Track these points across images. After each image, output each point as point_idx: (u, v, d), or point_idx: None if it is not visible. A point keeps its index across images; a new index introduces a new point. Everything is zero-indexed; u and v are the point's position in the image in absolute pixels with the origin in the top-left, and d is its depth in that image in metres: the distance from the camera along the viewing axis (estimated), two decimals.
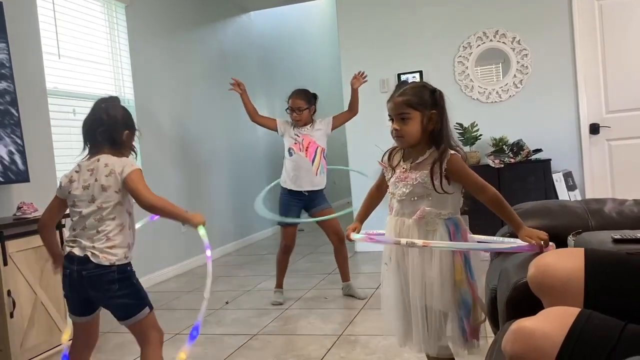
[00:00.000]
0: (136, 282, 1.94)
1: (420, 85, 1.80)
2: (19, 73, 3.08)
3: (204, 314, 1.87)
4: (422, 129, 1.73)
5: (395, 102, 1.74)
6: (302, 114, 3.48)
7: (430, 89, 1.78)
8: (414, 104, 1.72)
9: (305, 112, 3.48)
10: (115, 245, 1.86)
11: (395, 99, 1.74)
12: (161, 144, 4.64)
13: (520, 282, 1.46)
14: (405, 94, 1.73)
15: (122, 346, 2.91)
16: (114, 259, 1.85)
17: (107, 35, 4.18)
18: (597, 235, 1.69)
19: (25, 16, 3.29)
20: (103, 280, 1.84)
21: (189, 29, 5.24)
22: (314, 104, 3.55)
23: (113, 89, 4.21)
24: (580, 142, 4.52)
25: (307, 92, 3.54)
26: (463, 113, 4.66)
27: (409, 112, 1.72)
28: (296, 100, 3.49)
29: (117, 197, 1.87)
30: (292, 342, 2.81)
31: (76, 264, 1.84)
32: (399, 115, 1.73)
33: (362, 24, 4.99)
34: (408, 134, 1.73)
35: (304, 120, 3.50)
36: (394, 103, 1.74)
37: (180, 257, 4.77)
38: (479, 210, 4.61)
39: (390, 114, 1.76)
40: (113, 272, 1.85)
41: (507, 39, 4.62)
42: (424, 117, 1.73)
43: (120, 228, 1.88)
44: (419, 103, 1.73)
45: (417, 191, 1.73)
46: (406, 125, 1.72)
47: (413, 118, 1.72)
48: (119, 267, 1.86)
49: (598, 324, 0.98)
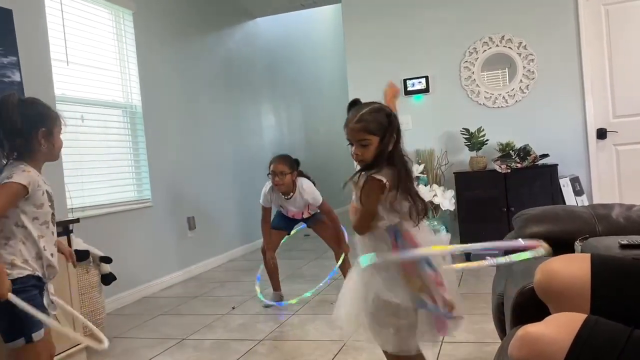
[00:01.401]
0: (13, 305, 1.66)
1: (376, 108, 1.76)
2: (28, 79, 3.11)
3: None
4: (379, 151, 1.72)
5: (353, 128, 1.71)
6: (284, 178, 3.47)
7: (386, 112, 1.75)
8: (373, 130, 1.71)
9: (288, 177, 3.48)
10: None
11: (354, 125, 1.71)
12: (168, 150, 4.66)
13: (526, 288, 1.45)
14: (362, 120, 1.71)
15: (129, 351, 2.92)
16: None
17: (114, 42, 4.21)
18: (604, 240, 1.69)
19: (34, 23, 3.32)
20: None
21: (195, 36, 5.27)
22: (296, 169, 3.55)
23: (121, 95, 4.24)
24: (587, 147, 4.51)
25: (289, 157, 3.56)
26: (469, 118, 4.66)
27: (368, 138, 1.71)
28: (278, 165, 3.48)
29: None
30: (298, 347, 2.81)
31: None
32: (359, 142, 1.71)
33: (368, 30, 5.00)
34: (367, 158, 1.73)
35: (286, 184, 3.49)
36: (352, 129, 1.72)
37: (186, 263, 4.78)
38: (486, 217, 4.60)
39: (348, 139, 1.75)
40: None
41: (514, 44, 4.62)
42: (382, 140, 1.71)
43: (5, 241, 1.74)
44: (377, 128, 1.71)
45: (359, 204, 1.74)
46: (367, 150, 1.71)
47: (372, 143, 1.71)
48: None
49: (605, 330, 0.98)
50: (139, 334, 3.21)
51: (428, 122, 4.84)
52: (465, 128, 4.52)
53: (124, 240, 3.99)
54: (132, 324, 3.43)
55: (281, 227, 3.69)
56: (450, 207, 4.52)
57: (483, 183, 4.41)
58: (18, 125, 1.74)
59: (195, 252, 4.94)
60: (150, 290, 4.24)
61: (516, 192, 4.30)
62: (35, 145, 1.78)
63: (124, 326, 3.39)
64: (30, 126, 1.76)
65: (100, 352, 2.88)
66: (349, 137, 1.75)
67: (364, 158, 1.73)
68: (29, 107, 1.79)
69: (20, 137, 1.75)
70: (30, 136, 1.77)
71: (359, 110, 1.75)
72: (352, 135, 1.73)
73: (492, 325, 1.96)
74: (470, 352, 2.49)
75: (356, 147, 1.73)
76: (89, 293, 3.07)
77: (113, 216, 3.92)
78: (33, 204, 1.79)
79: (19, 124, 1.74)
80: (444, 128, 4.79)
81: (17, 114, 1.73)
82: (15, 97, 1.77)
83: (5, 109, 1.73)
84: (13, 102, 1.75)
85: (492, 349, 2.38)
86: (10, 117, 1.73)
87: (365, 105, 1.77)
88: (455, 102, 4.79)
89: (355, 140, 1.73)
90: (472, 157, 4.55)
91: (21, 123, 1.74)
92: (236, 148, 5.85)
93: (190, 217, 4.89)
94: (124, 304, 3.91)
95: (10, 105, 1.74)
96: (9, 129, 1.74)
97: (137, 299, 4.06)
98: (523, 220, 2.06)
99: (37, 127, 1.77)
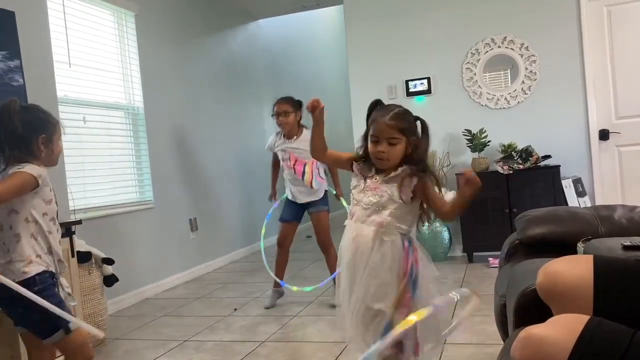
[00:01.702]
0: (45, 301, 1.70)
1: (406, 110, 1.82)
2: (31, 81, 3.11)
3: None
4: (404, 152, 1.77)
5: (387, 125, 1.74)
6: (288, 117, 3.51)
7: (413, 116, 1.82)
8: (404, 130, 1.75)
9: (292, 116, 3.51)
10: (12, 259, 1.74)
11: (387, 122, 1.74)
12: (170, 152, 4.67)
13: (528, 289, 1.45)
14: (397, 118, 1.75)
15: (131, 352, 2.92)
16: (13, 276, 1.71)
17: (117, 43, 4.22)
18: (606, 242, 1.69)
19: (36, 25, 3.33)
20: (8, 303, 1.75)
21: (197, 37, 5.28)
22: (299, 109, 3.57)
23: (123, 97, 4.25)
24: (589, 148, 4.50)
25: (292, 98, 3.60)
26: (471, 119, 4.66)
27: (399, 138, 1.74)
28: (282, 104, 3.53)
29: (9, 205, 1.74)
30: (300, 349, 2.81)
31: None
32: (389, 139, 1.73)
33: (370, 31, 5.00)
34: (394, 157, 1.76)
35: (290, 124, 3.52)
36: (385, 126, 1.74)
37: (188, 264, 4.79)
38: (488, 218, 4.58)
39: (376, 135, 1.75)
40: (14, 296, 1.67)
41: (515, 45, 4.61)
42: (409, 142, 1.77)
43: (17, 239, 1.76)
44: (408, 129, 1.76)
45: (384, 202, 1.76)
46: (393, 149, 1.74)
47: (401, 143, 1.75)
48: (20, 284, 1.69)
49: (607, 331, 0.97)
50: (141, 336, 3.21)
51: (430, 123, 4.73)
52: (467, 129, 4.52)
53: (126, 242, 4.00)
54: (134, 325, 3.44)
55: (291, 219, 3.66)
56: None
57: (485, 184, 4.36)
58: (19, 132, 1.76)
59: (197, 253, 4.94)
60: (152, 291, 4.24)
61: (518, 193, 4.30)
62: (35, 151, 1.81)
63: (126, 328, 3.39)
64: (30, 132, 1.78)
65: (103, 351, 2.89)
66: (376, 134, 1.74)
67: (389, 157, 1.74)
68: (30, 113, 1.82)
69: (21, 142, 1.78)
70: (31, 142, 1.79)
71: (390, 108, 1.78)
72: (383, 132, 1.73)
73: (494, 326, 1.96)
74: (473, 354, 2.48)
75: (382, 144, 1.74)
76: (91, 294, 3.07)
77: (115, 218, 3.92)
78: (42, 199, 1.81)
79: (20, 130, 1.76)
80: (446, 129, 4.78)
81: (18, 120, 1.75)
82: (17, 103, 1.79)
83: (7, 115, 1.76)
84: (15, 109, 1.77)
85: (494, 350, 2.37)
86: (12, 124, 1.75)
87: (396, 106, 1.81)
88: (457, 103, 4.79)
89: (384, 138, 1.73)
90: (474, 158, 4.54)
91: (22, 129, 1.76)
92: (238, 149, 5.85)
93: (192, 218, 4.90)
94: (126, 305, 3.91)
95: (12, 111, 1.76)
96: (10, 135, 1.77)
97: (139, 301, 4.06)
98: (525, 222, 2.06)
99: (37, 133, 1.80)
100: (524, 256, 1.96)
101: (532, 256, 1.88)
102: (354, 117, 5.04)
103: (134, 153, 4.34)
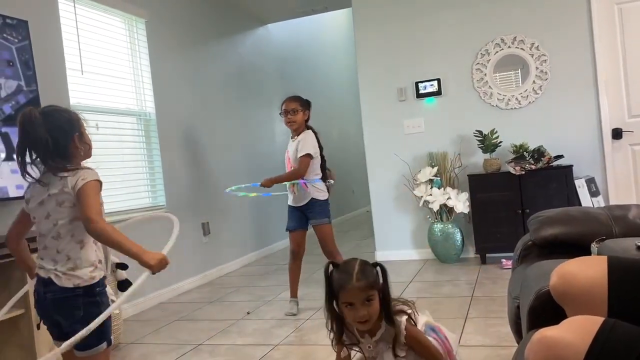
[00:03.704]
0: (103, 307, 1.74)
1: (364, 262, 1.71)
2: (44, 89, 3.16)
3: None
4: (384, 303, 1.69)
5: (359, 287, 1.62)
6: (296, 115, 3.50)
7: (372, 264, 1.72)
8: (374, 284, 1.66)
9: (300, 114, 3.51)
10: (77, 266, 1.72)
11: (358, 284, 1.62)
12: (182, 156, 4.70)
13: (542, 291, 1.44)
14: (365, 276, 1.64)
15: (145, 356, 2.94)
16: (78, 281, 1.71)
17: (128, 50, 4.26)
18: (621, 242, 1.67)
19: (49, 34, 3.38)
20: (67, 305, 1.71)
21: (207, 43, 5.32)
22: (307, 108, 3.57)
23: (135, 103, 4.28)
24: (602, 147, 4.46)
25: (301, 97, 3.60)
26: (482, 120, 4.64)
27: (373, 294, 1.65)
28: (290, 102, 3.53)
29: (72, 213, 1.71)
30: (313, 352, 2.81)
31: (42, 286, 1.73)
32: (366, 299, 1.63)
33: (379, 33, 5.00)
34: (375, 314, 1.67)
35: (298, 122, 3.52)
36: (357, 289, 1.62)
37: (201, 268, 4.81)
38: (501, 219, 4.56)
39: (351, 302, 1.64)
40: (78, 297, 1.70)
41: (526, 45, 4.59)
42: (379, 293, 1.68)
43: (80, 246, 1.74)
44: (375, 280, 1.67)
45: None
46: (372, 307, 1.65)
47: (375, 297, 1.66)
48: (85, 289, 1.71)
49: (622, 333, 0.97)
50: (155, 340, 3.24)
51: (441, 124, 4.83)
52: (479, 130, 4.50)
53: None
54: (148, 329, 3.46)
55: (296, 227, 3.60)
56: (464, 210, 4.50)
57: (497, 185, 4.38)
58: (52, 139, 1.69)
59: (210, 257, 4.96)
60: (166, 296, 4.27)
61: (531, 194, 4.27)
62: (74, 151, 1.76)
63: (140, 332, 3.41)
64: (64, 137, 1.73)
65: (117, 356, 2.92)
66: (350, 300, 1.63)
67: (371, 316, 1.65)
68: (54, 117, 1.74)
69: (59, 149, 1.72)
70: (68, 146, 1.74)
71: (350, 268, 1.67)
72: (358, 295, 1.63)
73: (508, 328, 1.95)
74: (487, 356, 2.47)
75: (361, 307, 1.63)
76: None
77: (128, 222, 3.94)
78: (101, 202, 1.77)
79: (51, 137, 1.69)
80: (457, 130, 4.77)
81: (45, 129, 1.69)
82: (35, 112, 1.70)
83: (31, 126, 1.68)
84: (37, 118, 1.69)
85: (508, 352, 2.36)
86: (39, 134, 1.68)
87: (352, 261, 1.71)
88: (467, 104, 4.77)
89: (362, 299, 1.63)
90: (486, 159, 4.52)
91: (54, 136, 1.70)
92: (249, 153, 5.88)
93: (204, 222, 4.92)
94: (140, 310, 3.94)
95: (36, 122, 1.68)
96: (44, 146, 1.69)
97: (153, 305, 4.09)
98: (538, 223, 2.04)
99: (70, 135, 1.75)
100: (537, 257, 1.94)
101: (546, 257, 1.86)
102: (364, 120, 5.05)
103: (146, 158, 4.37)
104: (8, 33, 2.95)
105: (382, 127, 4.96)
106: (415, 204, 4.79)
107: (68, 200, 1.70)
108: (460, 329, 2.84)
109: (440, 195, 4.53)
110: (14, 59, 2.96)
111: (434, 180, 4.63)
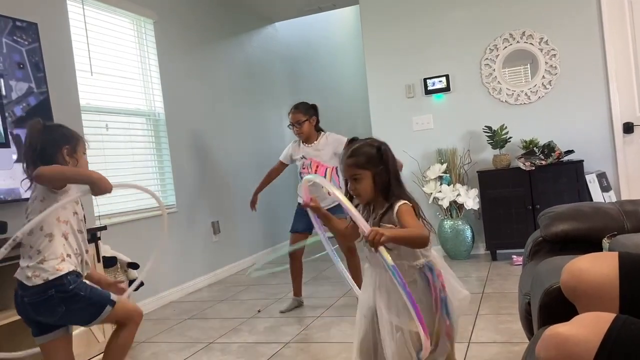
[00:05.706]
0: (83, 292, 1.81)
1: (366, 144, 1.79)
2: (54, 90, 3.18)
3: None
4: (375, 185, 1.75)
5: (347, 164, 1.76)
6: (302, 127, 3.50)
7: (376, 146, 1.78)
8: (362, 164, 1.74)
9: (306, 125, 3.51)
10: (45, 258, 1.76)
11: (347, 161, 1.77)
12: (191, 156, 4.72)
13: (553, 288, 1.43)
14: (353, 155, 1.76)
15: (157, 355, 2.96)
16: (46, 275, 1.75)
17: (136, 51, 4.28)
18: (633, 238, 1.66)
19: (59, 35, 3.40)
20: (44, 306, 1.76)
21: (215, 42, 5.33)
22: (314, 114, 3.55)
23: (144, 104, 4.31)
24: (613, 142, 4.42)
25: (305, 104, 3.57)
26: (491, 116, 4.62)
27: (359, 173, 1.75)
28: (294, 115, 3.52)
29: (42, 206, 1.78)
30: (324, 350, 2.81)
31: (20, 289, 1.79)
32: (352, 177, 1.76)
33: (387, 30, 4.99)
34: (364, 193, 1.76)
35: (306, 132, 3.52)
36: (347, 166, 1.77)
37: (212, 267, 4.83)
38: (511, 215, 4.53)
39: (345, 177, 1.79)
40: (52, 297, 1.75)
41: (535, 39, 4.56)
42: (375, 174, 1.74)
43: (49, 239, 1.79)
44: (367, 162, 1.74)
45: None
46: (360, 185, 1.75)
47: (364, 177, 1.74)
48: (55, 287, 1.75)
49: (634, 329, 0.96)
50: (167, 339, 3.26)
51: (450, 121, 4.81)
52: (488, 126, 4.47)
53: (150, 246, 4.04)
54: (159, 328, 3.48)
55: (302, 230, 3.60)
56: (474, 206, 4.48)
57: (507, 181, 4.36)
58: (42, 149, 1.84)
59: (220, 256, 4.99)
60: (176, 294, 4.29)
61: (541, 189, 4.24)
62: (61, 161, 1.87)
63: (151, 331, 3.44)
64: (53, 147, 1.86)
65: (129, 355, 2.94)
66: (343, 175, 1.79)
67: (359, 193, 1.76)
68: (53, 130, 1.90)
69: (46, 157, 1.83)
70: (55, 155, 1.85)
71: (351, 146, 1.80)
72: (346, 172, 1.77)
73: (519, 325, 1.94)
74: (498, 352, 2.46)
75: (350, 182, 1.77)
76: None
77: (139, 222, 3.97)
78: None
79: (43, 146, 1.84)
80: (466, 127, 4.75)
81: (40, 140, 1.84)
82: (40, 123, 1.89)
83: (30, 134, 1.85)
84: (38, 129, 1.87)
85: (519, 349, 2.35)
86: (35, 142, 1.84)
87: (359, 141, 1.82)
88: (476, 100, 4.75)
89: (349, 176, 1.77)
90: (496, 155, 4.50)
91: (45, 146, 1.84)
92: (258, 152, 5.88)
93: (214, 221, 4.94)
94: (151, 309, 3.97)
95: (35, 132, 1.86)
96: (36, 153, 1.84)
97: (164, 304, 4.11)
98: (549, 218, 2.03)
99: (60, 146, 1.87)
100: (547, 253, 1.93)
101: (556, 253, 1.85)
102: (372, 117, 5.04)
103: (156, 158, 4.39)
104: (18, 35, 2.97)
105: (391, 124, 4.95)
106: (425, 200, 4.78)
107: (40, 195, 1.81)
108: (471, 326, 2.84)
109: (449, 191, 4.51)
110: (25, 61, 2.99)
111: (443, 177, 4.61)
